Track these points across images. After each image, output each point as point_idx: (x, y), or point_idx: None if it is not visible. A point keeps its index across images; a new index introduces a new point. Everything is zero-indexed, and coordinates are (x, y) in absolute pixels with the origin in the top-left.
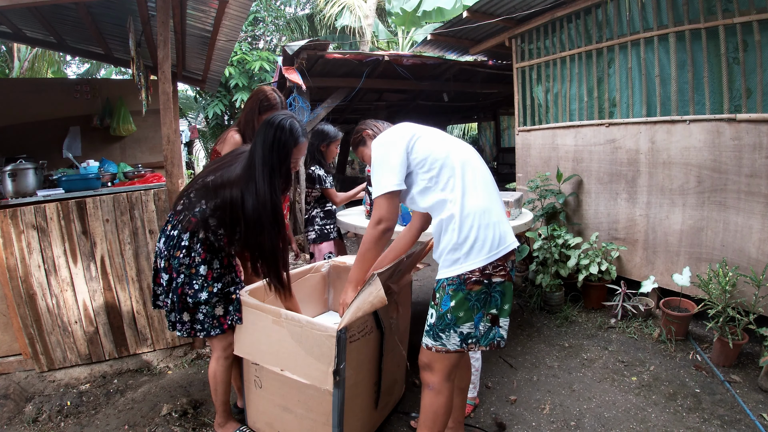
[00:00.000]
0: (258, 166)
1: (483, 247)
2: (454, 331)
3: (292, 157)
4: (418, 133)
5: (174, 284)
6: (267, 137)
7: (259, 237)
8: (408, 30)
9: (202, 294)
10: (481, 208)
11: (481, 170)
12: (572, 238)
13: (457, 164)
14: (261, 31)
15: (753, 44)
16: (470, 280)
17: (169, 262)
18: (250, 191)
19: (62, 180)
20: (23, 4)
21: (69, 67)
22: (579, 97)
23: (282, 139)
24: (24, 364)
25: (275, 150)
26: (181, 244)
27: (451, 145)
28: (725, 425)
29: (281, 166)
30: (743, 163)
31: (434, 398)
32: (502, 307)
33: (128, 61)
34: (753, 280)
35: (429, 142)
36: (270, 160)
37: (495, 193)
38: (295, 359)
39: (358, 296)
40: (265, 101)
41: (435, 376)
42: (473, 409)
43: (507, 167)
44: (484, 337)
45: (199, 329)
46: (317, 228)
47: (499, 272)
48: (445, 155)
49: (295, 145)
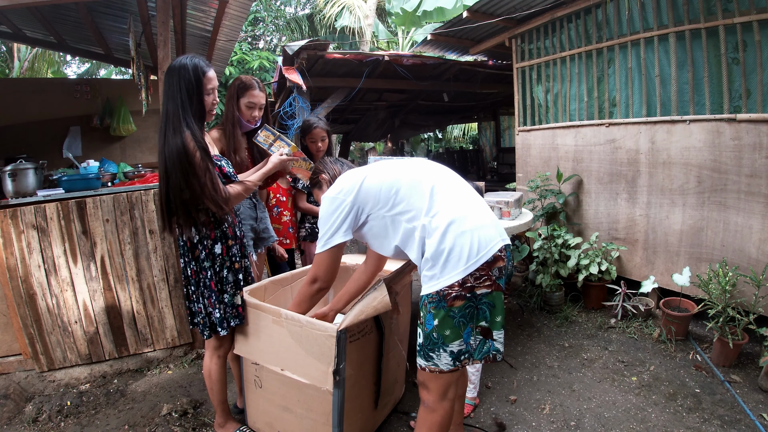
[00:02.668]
0: (166, 115)
1: (460, 259)
2: (443, 350)
3: (204, 89)
4: (366, 174)
5: (202, 283)
6: (170, 82)
7: (188, 181)
8: (408, 30)
9: (224, 272)
10: (450, 217)
11: (445, 179)
12: (572, 238)
13: (412, 183)
14: (261, 31)
15: (753, 44)
16: (450, 296)
17: (192, 267)
18: (165, 142)
19: (62, 180)
20: (23, 4)
21: (69, 67)
22: (579, 97)
23: (184, 74)
24: (24, 364)
25: (181, 89)
26: (194, 242)
27: (400, 169)
28: (725, 425)
29: (192, 103)
30: (743, 163)
31: (428, 415)
32: (493, 319)
33: (128, 61)
34: (753, 280)
35: (377, 177)
36: (176, 102)
37: (470, 198)
38: (295, 359)
39: (362, 300)
40: (240, 85)
41: (430, 394)
42: (473, 409)
43: (507, 167)
44: (477, 351)
45: (211, 327)
46: (308, 226)
47: (484, 283)
48: (396, 182)
49: (204, 75)
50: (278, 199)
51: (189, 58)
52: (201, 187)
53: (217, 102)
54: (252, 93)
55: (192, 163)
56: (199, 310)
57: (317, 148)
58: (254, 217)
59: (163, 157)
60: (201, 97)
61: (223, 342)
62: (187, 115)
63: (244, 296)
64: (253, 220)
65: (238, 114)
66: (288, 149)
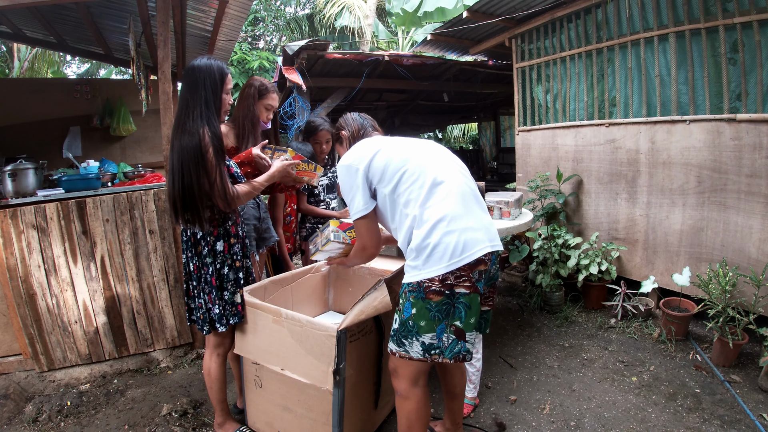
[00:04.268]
0: (185, 108)
1: (443, 255)
2: (416, 339)
3: (225, 88)
4: (380, 147)
5: (203, 279)
6: (193, 79)
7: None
8: (408, 30)
9: (225, 270)
10: (442, 213)
11: (452, 175)
12: (572, 238)
13: (417, 170)
14: (261, 31)
15: (753, 44)
16: (429, 289)
17: (195, 263)
18: (182, 134)
19: (62, 180)
20: (23, 4)
21: (69, 67)
22: (579, 97)
23: (209, 72)
24: (24, 364)
25: (206, 87)
26: (197, 238)
27: (413, 152)
28: (725, 425)
29: (215, 100)
30: (743, 163)
31: (403, 403)
32: (467, 320)
33: (128, 61)
34: (753, 280)
35: (388, 154)
36: (199, 98)
37: (470, 200)
38: (295, 358)
39: (363, 299)
40: (261, 87)
41: (401, 382)
42: (473, 409)
43: (507, 167)
44: (448, 350)
45: (211, 324)
46: (309, 226)
47: (463, 283)
48: (402, 164)
49: (226, 75)
50: (292, 208)
51: (212, 59)
52: (210, 184)
53: (231, 101)
54: (272, 96)
55: (204, 158)
56: (199, 305)
57: (321, 150)
58: (257, 217)
59: (178, 149)
60: (221, 95)
61: (223, 340)
62: (210, 112)
63: (245, 296)
64: (257, 220)
65: (258, 114)
66: (287, 154)
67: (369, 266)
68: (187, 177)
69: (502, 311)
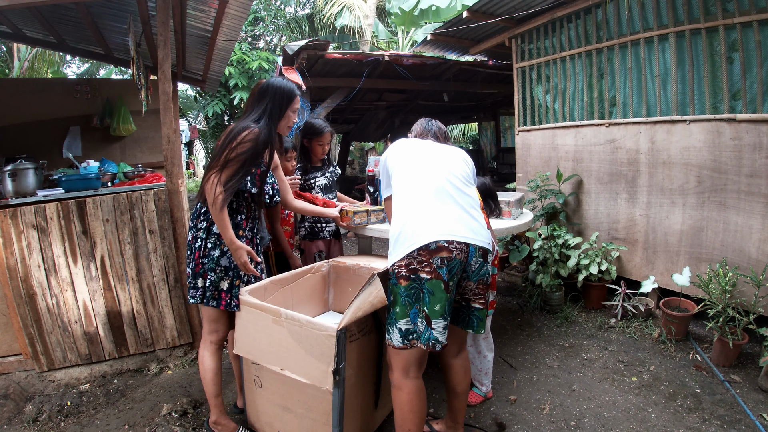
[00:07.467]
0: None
1: (406, 240)
2: (395, 326)
3: (290, 108)
4: (407, 146)
5: (192, 249)
6: (265, 93)
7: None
8: (408, 30)
9: (215, 252)
10: (418, 204)
11: (435, 172)
12: (572, 238)
13: (409, 167)
14: (261, 31)
15: (753, 44)
16: (399, 274)
17: (193, 233)
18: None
19: (62, 180)
20: (23, 4)
21: (69, 67)
22: (579, 97)
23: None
24: (24, 364)
25: (277, 101)
26: (201, 212)
27: (419, 153)
28: (725, 425)
29: (279, 114)
30: (743, 163)
31: (395, 394)
32: (432, 306)
33: (128, 61)
34: (753, 280)
35: (403, 152)
36: (265, 108)
37: (446, 195)
38: (295, 359)
39: (359, 296)
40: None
41: (392, 372)
42: (483, 400)
43: (507, 167)
44: (423, 335)
45: (201, 295)
46: (307, 225)
47: (424, 268)
48: (402, 162)
49: (295, 96)
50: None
51: (285, 81)
52: (218, 167)
53: (296, 120)
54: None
55: (233, 145)
56: (187, 273)
57: (323, 150)
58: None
59: (227, 132)
60: (287, 111)
61: (216, 327)
62: (272, 121)
63: (245, 296)
64: None
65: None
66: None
67: (370, 266)
68: (218, 149)
69: (502, 311)
